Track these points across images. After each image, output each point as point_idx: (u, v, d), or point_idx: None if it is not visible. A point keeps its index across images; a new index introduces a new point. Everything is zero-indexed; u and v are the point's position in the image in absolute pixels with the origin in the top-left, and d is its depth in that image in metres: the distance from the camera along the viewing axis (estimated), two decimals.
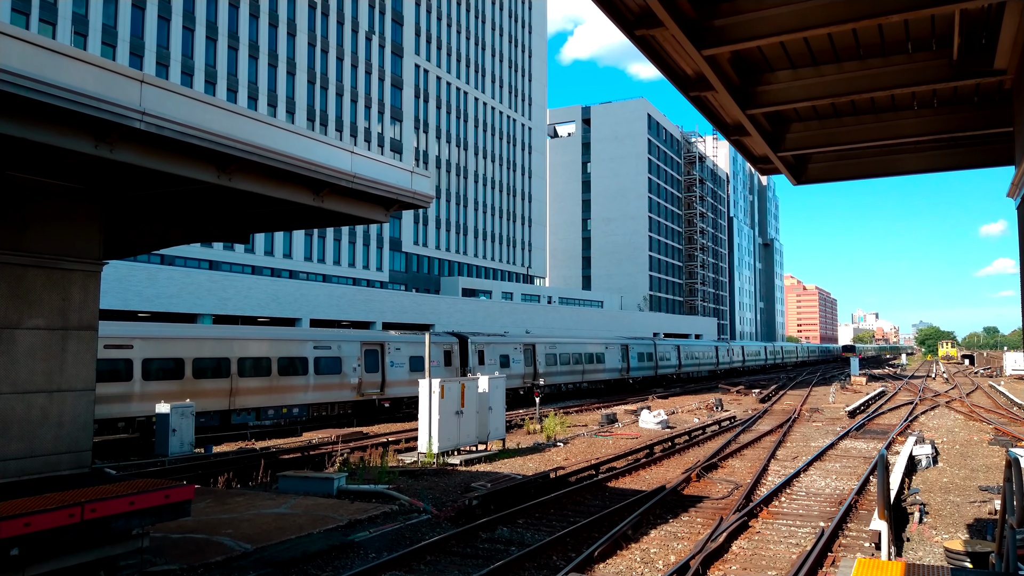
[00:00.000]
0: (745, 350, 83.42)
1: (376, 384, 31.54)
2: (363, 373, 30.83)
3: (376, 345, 32.01)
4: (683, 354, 63.41)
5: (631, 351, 53.71)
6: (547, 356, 43.05)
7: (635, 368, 53.82)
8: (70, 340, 10.99)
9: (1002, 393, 48.87)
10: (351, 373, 30.23)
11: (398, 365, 32.63)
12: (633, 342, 55.06)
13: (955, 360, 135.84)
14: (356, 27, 71.29)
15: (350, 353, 30.28)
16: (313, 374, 28.61)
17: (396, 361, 32.55)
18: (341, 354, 29.82)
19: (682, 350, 63.44)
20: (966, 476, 18.54)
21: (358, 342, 31.09)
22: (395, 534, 12.29)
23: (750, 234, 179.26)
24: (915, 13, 6.39)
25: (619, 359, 51.53)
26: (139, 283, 37.72)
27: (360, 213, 13.12)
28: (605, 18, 6.59)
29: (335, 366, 29.62)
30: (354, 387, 30.28)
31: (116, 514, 8.83)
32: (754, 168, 11.46)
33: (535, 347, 42.43)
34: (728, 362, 75.54)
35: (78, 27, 49.27)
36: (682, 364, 63.07)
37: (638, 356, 54.71)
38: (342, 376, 29.83)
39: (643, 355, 55.70)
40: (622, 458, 20.81)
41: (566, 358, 45.38)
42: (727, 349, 76.52)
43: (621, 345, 52.56)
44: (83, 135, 8.58)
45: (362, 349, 30.99)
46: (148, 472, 17.83)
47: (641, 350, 55.71)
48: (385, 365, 31.83)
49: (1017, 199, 7.50)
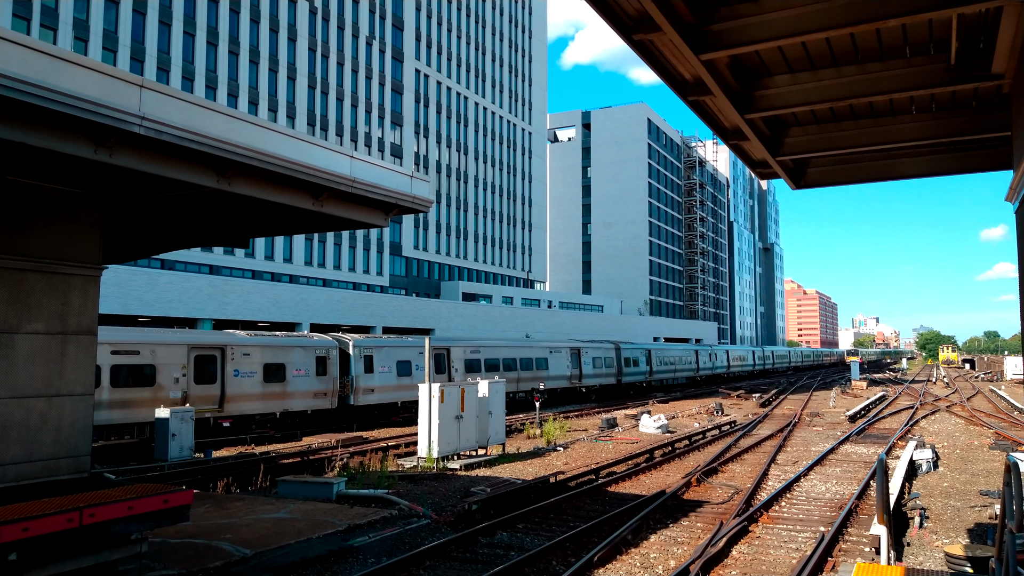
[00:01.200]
0: (730, 355, 77.89)
1: (212, 399, 25.32)
2: (190, 385, 24.56)
3: (213, 350, 25.68)
4: (655, 359, 57.35)
5: (584, 356, 47.24)
6: (466, 362, 36.82)
7: (590, 375, 47.51)
8: (69, 345, 11.00)
9: (1003, 397, 48.80)
10: (171, 385, 24.01)
11: (246, 375, 26.26)
12: (588, 345, 48.75)
13: (956, 364, 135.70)
14: (356, 32, 71.44)
15: (170, 360, 24.14)
16: (108, 387, 22.21)
17: (244, 370, 26.17)
18: (156, 361, 23.76)
19: (654, 355, 57.39)
20: (967, 481, 18.51)
21: (184, 346, 24.75)
22: (395, 539, 12.26)
23: (750, 238, 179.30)
24: (913, 18, 6.40)
25: (568, 365, 45.49)
26: (139, 288, 37.73)
27: (360, 217, 13.13)
28: (605, 23, 6.60)
29: (146, 376, 23.52)
30: (175, 403, 23.61)
31: (115, 519, 8.82)
32: (753, 172, 11.47)
33: (449, 352, 36.06)
34: (710, 367, 69.96)
35: (79, 32, 49.40)
36: (653, 371, 56.87)
37: (594, 362, 48.18)
38: (156, 389, 23.60)
39: (601, 360, 49.09)
40: (622, 463, 20.78)
41: (494, 364, 38.97)
42: (709, 354, 70.85)
43: (571, 349, 46.51)
44: (83, 140, 8.60)
45: (190, 355, 24.76)
46: (147, 477, 17.81)
47: (599, 354, 49.16)
48: (227, 375, 25.65)
49: (1015, 203, 7.50)
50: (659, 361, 57.93)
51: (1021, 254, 7.27)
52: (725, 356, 75.50)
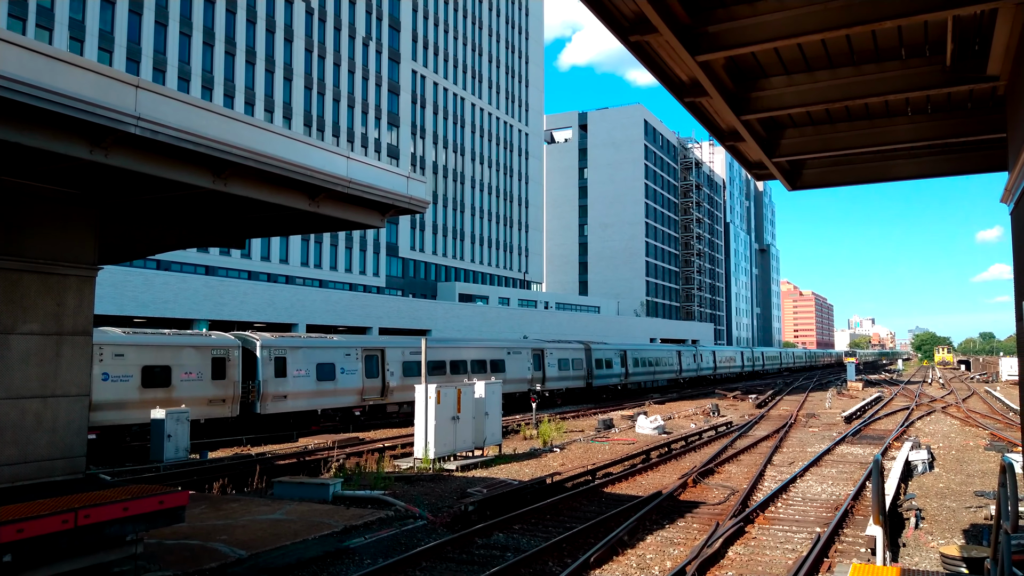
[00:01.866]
0: (717, 356, 74.02)
1: None
2: None
3: None
4: (631, 360, 53.29)
5: (548, 357, 43.31)
6: (405, 365, 32.75)
7: (555, 378, 43.48)
8: (64, 345, 10.97)
9: (998, 398, 48.93)
10: None
11: (120, 379, 22.89)
12: (553, 346, 45.14)
13: (951, 366, 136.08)
14: (353, 33, 71.41)
15: None
16: None
17: (116, 374, 22.79)
18: None
19: (630, 356, 53.27)
20: (962, 481, 18.55)
21: None
22: (391, 540, 12.25)
23: (747, 240, 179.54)
24: (908, 19, 6.42)
25: (530, 367, 41.31)
26: (135, 288, 37.66)
27: (356, 218, 13.12)
28: (601, 24, 6.61)
29: None
30: None
31: (110, 520, 8.80)
32: (749, 174, 11.49)
33: (383, 353, 31.94)
34: (694, 369, 66.16)
35: (75, 32, 49.29)
36: (629, 373, 52.81)
37: (560, 363, 44.32)
38: None
39: (568, 362, 45.33)
40: (618, 463, 20.79)
41: (439, 366, 35.02)
42: (694, 355, 66.69)
43: (533, 350, 42.48)
44: (78, 140, 8.58)
45: None
46: (143, 478, 17.77)
47: (565, 356, 45.20)
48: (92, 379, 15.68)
49: (1011, 204, 7.53)
50: (636, 362, 53.99)
51: (1016, 255, 7.29)
52: (711, 357, 72.10)
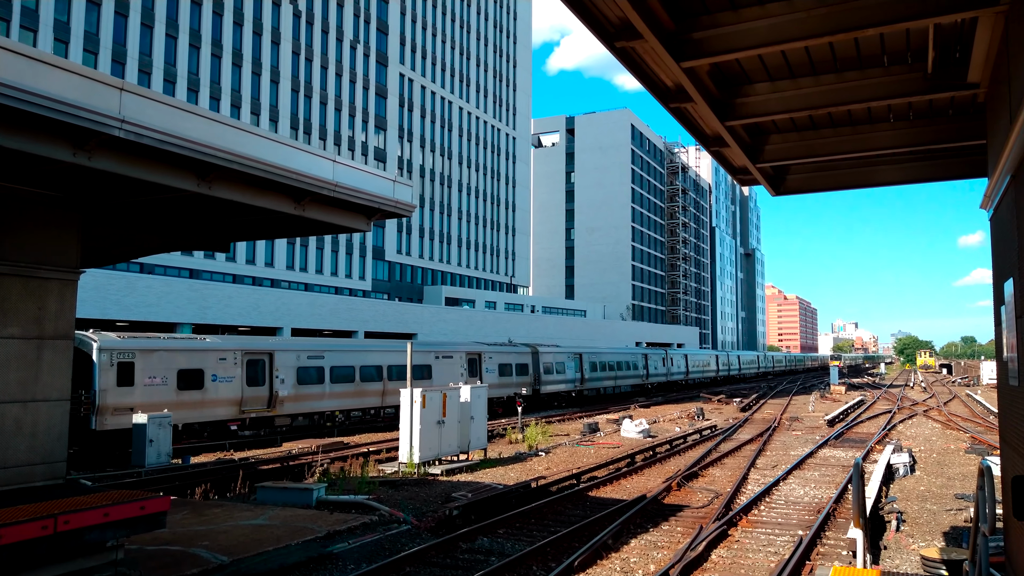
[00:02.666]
0: (689, 360, 70.05)
1: None
2: None
3: None
4: (589, 364, 48.99)
5: (487, 362, 38.57)
6: (299, 371, 28.47)
7: (495, 385, 38.38)
8: (45, 349, 10.86)
9: (979, 402, 49.41)
10: None
11: None
12: (493, 349, 40.39)
13: (933, 369, 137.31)
14: (340, 36, 71.27)
15: None
16: None
17: None
18: None
19: (587, 360, 48.82)
20: (943, 484, 18.72)
21: None
22: (375, 545, 12.20)
23: (732, 244, 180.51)
24: (890, 27, 6.48)
25: (462, 374, 36.84)
26: (118, 292, 37.34)
27: (342, 222, 13.08)
28: (588, 30, 6.64)
29: None
30: None
31: (90, 526, 8.71)
32: (734, 179, 11.56)
33: (272, 357, 27.52)
34: (663, 374, 62.18)
35: (60, 34, 48.90)
36: (586, 378, 48.37)
37: (500, 369, 39.85)
38: None
39: (511, 367, 40.95)
40: (603, 467, 20.82)
41: (345, 373, 30.37)
42: (663, 358, 62.50)
43: (468, 354, 37.84)
44: (61, 143, 8.51)
45: None
46: (124, 483, 17.61)
47: (508, 360, 40.61)
48: None
49: (990, 210, 7.62)
50: (594, 366, 49.73)
51: (996, 260, 7.38)
52: (683, 361, 68.19)
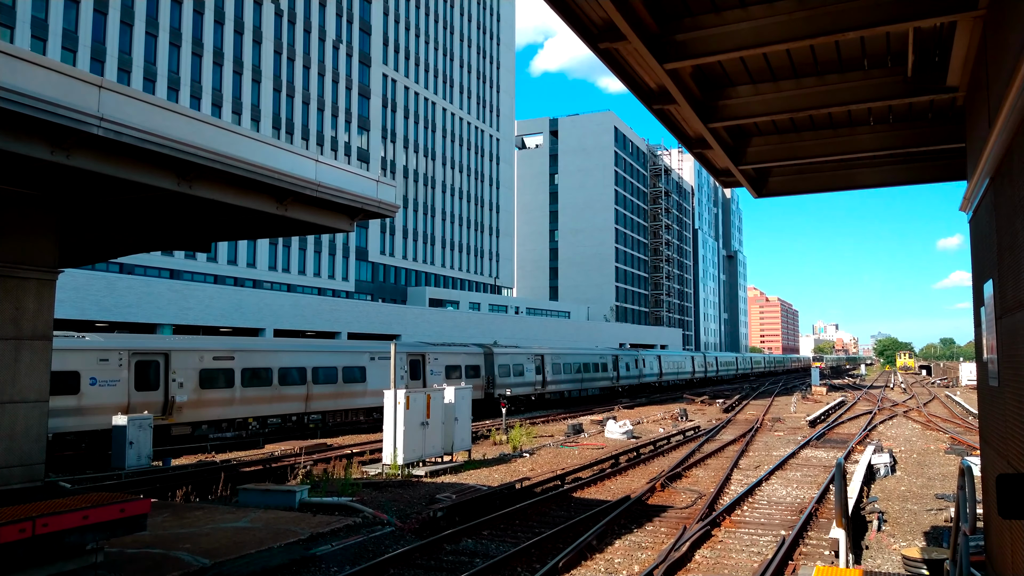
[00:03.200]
0: (663, 361, 67.06)
1: None
2: None
3: None
4: (551, 366, 45.58)
5: (432, 363, 35.01)
6: (202, 373, 25.15)
7: None
8: (23, 350, 10.72)
9: (958, 403, 49.99)
10: None
11: None
12: (439, 350, 36.71)
13: (913, 371, 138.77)
14: (323, 36, 70.96)
15: None
16: None
17: None
18: None
19: (549, 361, 45.30)
20: (923, 484, 18.91)
21: None
22: (358, 547, 12.14)
23: (714, 246, 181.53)
24: (871, 31, 6.55)
25: (402, 376, 33.25)
26: (97, 292, 36.93)
27: (325, 222, 13.03)
28: (571, 31, 6.65)
29: None
30: None
31: (69, 528, 8.61)
32: (716, 181, 11.62)
33: (167, 358, 24.25)
34: (635, 376, 58.80)
35: (37, 31, 48.32)
36: (547, 381, 45.22)
37: (447, 371, 36.24)
38: None
39: (461, 369, 37.48)
40: (587, 468, 20.84)
41: (262, 375, 27.09)
42: (635, 360, 59.38)
43: (409, 355, 33.98)
44: (38, 141, 8.40)
45: None
46: (104, 486, 17.40)
47: (456, 361, 36.95)
48: None
49: (969, 213, 7.71)
50: (558, 368, 46.60)
51: (975, 263, 7.46)
52: (656, 363, 65.04)
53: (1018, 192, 4.79)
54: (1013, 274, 5.12)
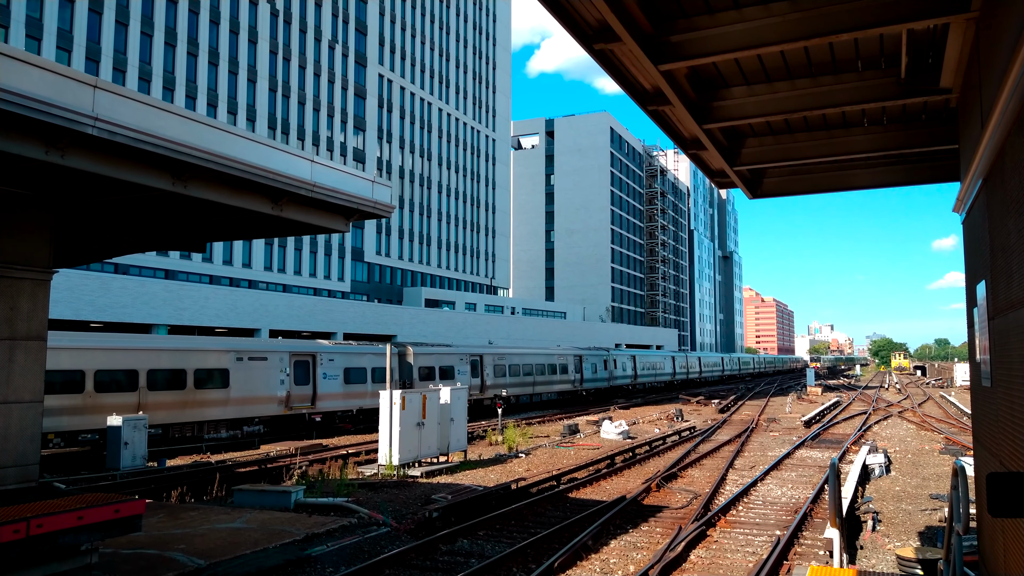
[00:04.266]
0: (638, 362, 61.26)
1: None
2: None
3: None
4: (491, 368, 39.14)
5: (324, 366, 29.64)
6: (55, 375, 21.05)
7: (337, 395, 30.19)
8: (17, 351, 10.69)
9: (953, 403, 50.14)
10: None
11: None
12: (335, 351, 30.53)
13: (907, 371, 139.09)
14: (319, 36, 70.88)
15: None
16: None
17: None
18: None
19: (489, 362, 38.77)
20: (918, 484, 18.96)
21: None
22: (353, 548, 12.14)
23: (710, 247, 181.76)
24: (864, 32, 6.57)
25: (282, 381, 28.16)
26: (91, 292, 36.84)
27: (320, 222, 13.02)
28: (566, 32, 6.66)
29: None
30: None
31: (64, 529, 8.60)
32: (711, 182, 11.64)
33: None
34: (603, 379, 53.62)
35: (32, 31, 48.18)
36: (487, 385, 38.98)
37: (350, 375, 30.85)
38: None
39: (366, 372, 31.73)
40: (583, 469, 20.86)
41: (68, 383, 21.91)
42: (603, 360, 53.76)
43: (292, 355, 28.75)
44: (33, 140, 8.39)
45: None
46: (99, 486, 17.37)
47: (361, 364, 30.87)
48: None
49: (962, 214, 7.74)
50: (502, 371, 39.37)
51: (968, 264, 7.50)
52: (630, 363, 59.17)
53: (1010, 193, 4.82)
54: (1005, 275, 5.15)
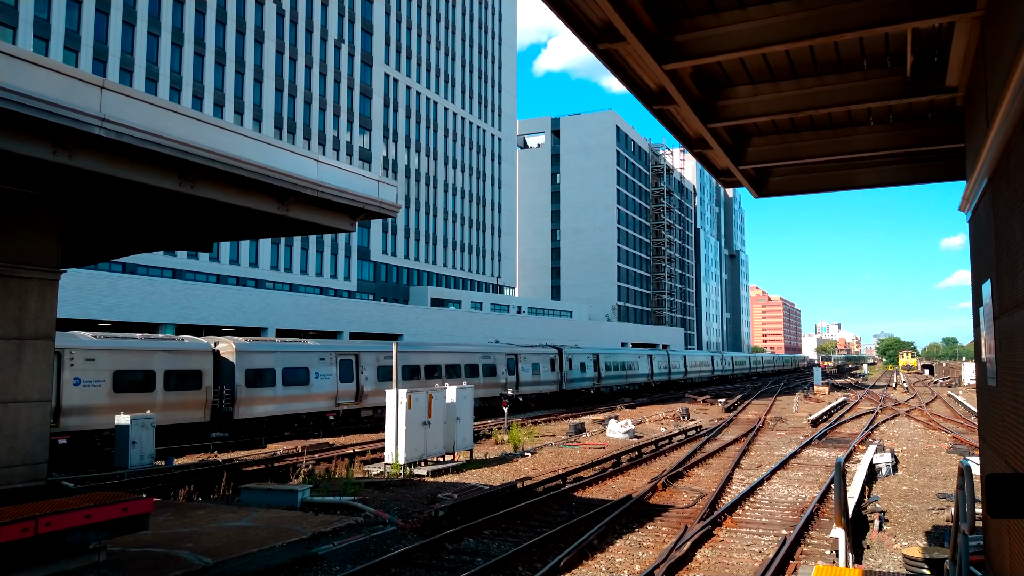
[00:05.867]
0: (602, 361, 53.31)
1: None
2: None
3: None
4: (372, 369, 31.94)
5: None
6: None
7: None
8: (26, 350, 10.76)
9: (960, 403, 49.93)
10: None
11: None
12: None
13: (915, 370, 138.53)
14: (325, 35, 71.01)
15: None
16: None
17: None
18: None
19: (367, 362, 31.76)
20: (925, 484, 18.90)
21: None
22: (360, 546, 12.18)
23: (716, 245, 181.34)
24: (869, 31, 6.56)
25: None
26: (99, 292, 37.01)
27: (326, 222, 13.06)
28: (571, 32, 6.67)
29: None
30: None
31: (72, 528, 8.65)
32: (717, 181, 11.63)
33: None
34: (552, 381, 46.01)
35: (40, 31, 48.40)
36: (364, 392, 31.34)
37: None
38: None
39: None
40: (589, 468, 20.86)
41: None
42: (551, 360, 46.07)
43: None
44: (41, 141, 8.44)
45: None
46: (106, 485, 17.46)
47: (173, 365, 25.42)
48: None
49: (968, 213, 7.72)
50: (385, 373, 31.91)
51: (973, 263, 7.47)
52: (591, 362, 50.66)
53: (1015, 192, 4.81)
54: (1010, 274, 5.14)
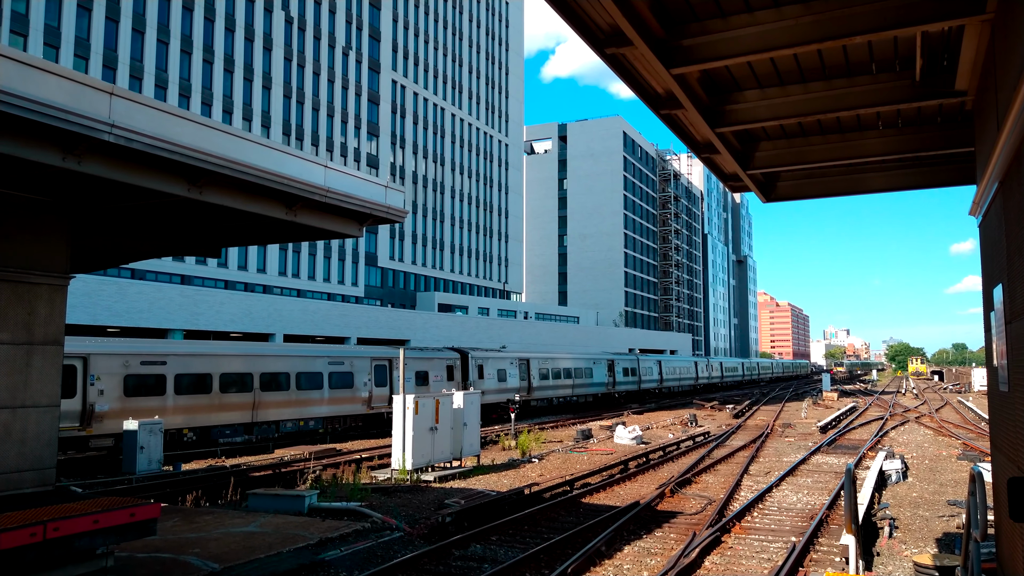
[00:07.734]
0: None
1: None
2: None
3: None
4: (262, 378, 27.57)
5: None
6: None
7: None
8: (35, 355, 10.80)
9: (970, 409, 49.59)
10: None
11: None
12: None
13: (924, 376, 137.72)
14: (333, 42, 71.30)
15: None
16: None
17: None
18: None
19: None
20: (935, 491, 18.76)
21: None
22: (367, 552, 12.15)
23: (724, 251, 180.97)
24: (878, 35, 6.53)
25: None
26: (108, 298, 37.17)
27: (334, 227, 13.08)
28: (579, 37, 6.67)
29: None
30: None
31: (80, 533, 8.66)
32: (725, 186, 11.60)
33: None
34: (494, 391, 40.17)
35: (50, 39, 48.77)
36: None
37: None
38: None
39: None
40: (596, 474, 20.79)
41: None
42: (479, 366, 39.79)
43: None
44: (50, 147, 8.48)
45: None
46: (115, 490, 17.49)
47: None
48: None
49: (979, 217, 7.67)
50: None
51: (984, 268, 7.42)
52: (523, 368, 43.64)
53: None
54: (1022, 278, 5.09)
